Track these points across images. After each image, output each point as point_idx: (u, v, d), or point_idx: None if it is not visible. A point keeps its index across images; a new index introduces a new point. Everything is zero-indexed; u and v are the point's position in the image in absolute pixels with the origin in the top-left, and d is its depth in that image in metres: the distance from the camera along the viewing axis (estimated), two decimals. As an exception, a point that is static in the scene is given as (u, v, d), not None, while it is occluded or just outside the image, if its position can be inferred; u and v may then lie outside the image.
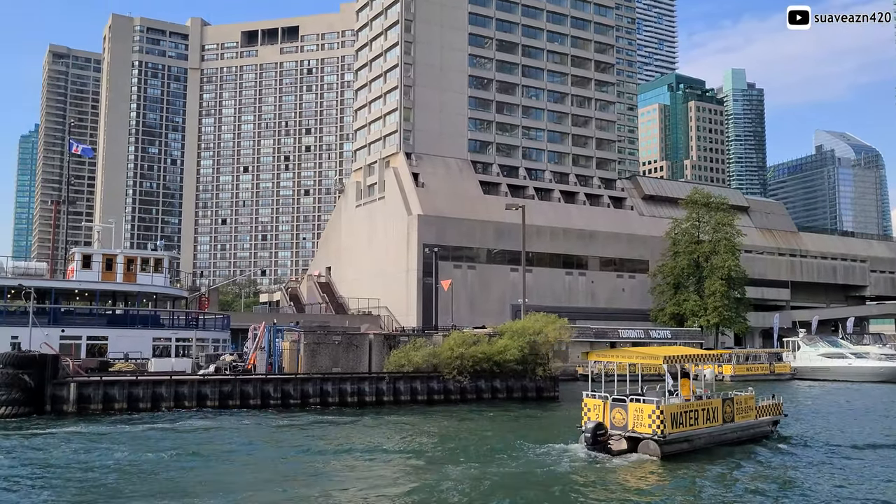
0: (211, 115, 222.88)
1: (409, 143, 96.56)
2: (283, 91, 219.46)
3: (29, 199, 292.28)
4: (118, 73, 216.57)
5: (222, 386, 43.28)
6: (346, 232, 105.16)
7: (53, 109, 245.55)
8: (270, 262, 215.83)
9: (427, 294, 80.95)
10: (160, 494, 21.01)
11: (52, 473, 23.95)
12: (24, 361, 38.85)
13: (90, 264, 52.78)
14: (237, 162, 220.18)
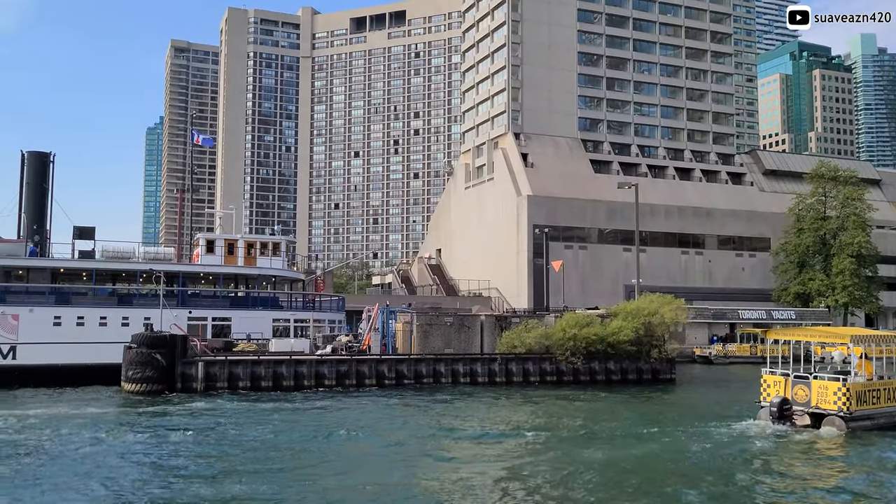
0: (322, 101, 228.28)
1: (517, 124, 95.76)
2: (391, 75, 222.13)
3: (156, 188, 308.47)
4: (234, 64, 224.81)
5: (339, 366, 44.40)
6: (456, 214, 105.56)
7: (176, 102, 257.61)
8: (382, 244, 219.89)
9: (538, 275, 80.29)
10: (297, 470, 21.65)
11: (203, 447, 25.18)
12: (157, 341, 41.08)
13: (213, 249, 55.01)
14: (348, 147, 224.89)
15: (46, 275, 50.90)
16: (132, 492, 18.68)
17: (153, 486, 19.41)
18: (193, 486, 19.21)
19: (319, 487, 19.37)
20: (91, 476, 20.34)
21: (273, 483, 19.61)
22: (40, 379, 44.85)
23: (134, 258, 52.97)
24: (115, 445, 25.01)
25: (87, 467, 21.48)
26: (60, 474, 20.50)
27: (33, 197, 53.79)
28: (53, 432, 27.35)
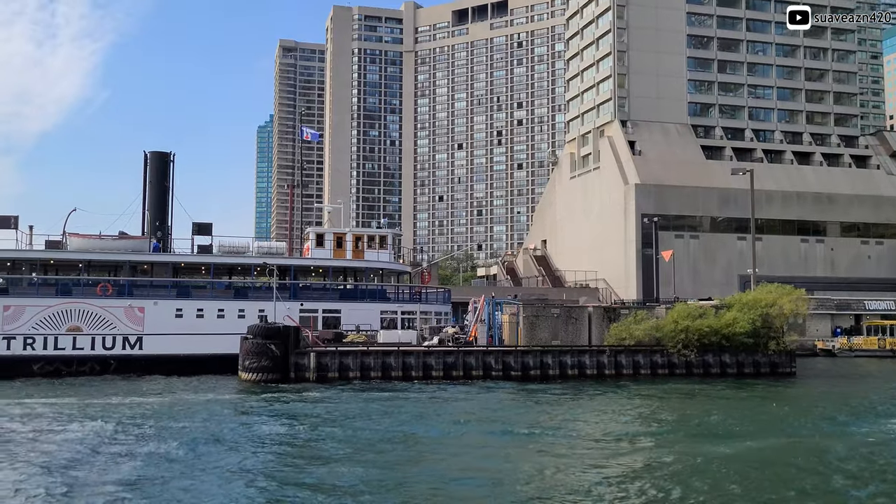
0: (425, 95, 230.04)
1: (624, 111, 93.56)
2: (493, 66, 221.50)
3: (267, 184, 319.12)
4: (339, 61, 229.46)
5: (446, 357, 44.60)
6: (561, 204, 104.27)
7: (285, 100, 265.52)
8: (486, 236, 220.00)
9: (647, 265, 78.35)
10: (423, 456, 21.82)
11: (326, 433, 25.78)
12: (271, 332, 42.40)
13: (323, 243, 56.32)
14: (451, 140, 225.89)
15: (168, 269, 53.40)
16: (274, 476, 19.23)
17: (292, 470, 19.98)
18: (321, 471, 19.70)
19: (434, 479, 19.33)
20: (232, 460, 21.11)
21: (391, 470, 19.81)
22: (163, 368, 47.19)
23: (248, 253, 54.84)
24: (247, 431, 25.91)
25: (229, 451, 22.29)
26: (210, 459, 21.36)
27: (156, 195, 56.45)
28: (197, 418, 28.64)
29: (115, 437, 24.48)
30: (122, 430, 25.67)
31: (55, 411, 30.35)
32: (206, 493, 17.38)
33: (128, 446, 22.87)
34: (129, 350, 48.53)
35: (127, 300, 49.36)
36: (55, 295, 48.85)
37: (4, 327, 46.93)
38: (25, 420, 28.01)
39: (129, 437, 24.45)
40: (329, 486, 18.09)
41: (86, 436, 24.55)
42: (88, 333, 48.10)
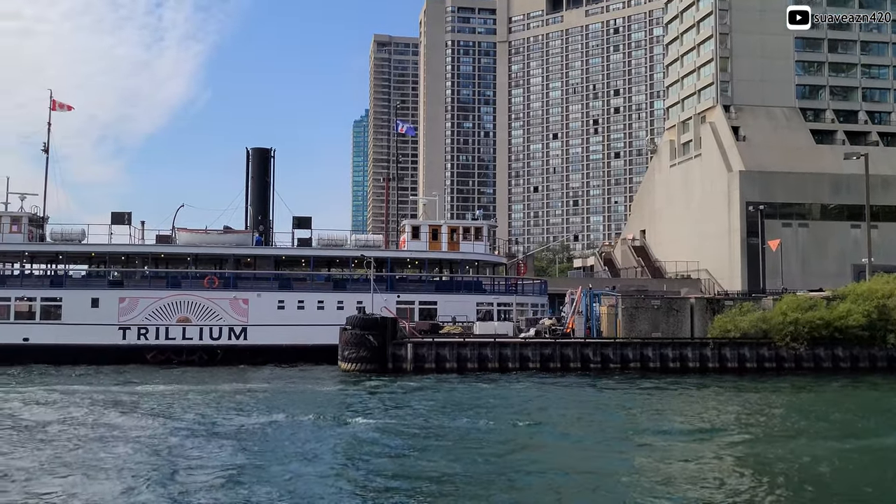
0: (519, 85, 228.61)
1: (726, 95, 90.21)
2: (589, 54, 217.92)
3: (363, 178, 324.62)
4: (433, 53, 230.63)
5: (543, 349, 44.16)
6: (661, 193, 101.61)
7: (380, 94, 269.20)
8: (582, 227, 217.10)
9: (752, 255, 75.42)
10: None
11: (428, 424, 25.84)
12: (369, 324, 43.05)
13: (418, 235, 56.73)
14: (546, 130, 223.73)
15: (270, 262, 55.02)
16: (378, 467, 19.45)
17: (395, 461, 20.12)
18: (426, 464, 19.75)
19: (548, 478, 18.97)
20: (334, 449, 21.49)
21: (492, 464, 19.63)
22: (266, 357, 48.66)
23: (346, 245, 55.83)
24: (350, 419, 26.33)
25: (330, 440, 22.67)
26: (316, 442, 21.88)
27: (257, 190, 58.21)
28: (300, 406, 29.41)
29: (221, 422, 25.30)
30: (228, 416, 26.53)
31: (169, 396, 31.68)
32: (309, 481, 17.64)
33: (232, 431, 23.57)
34: (235, 340, 50.27)
35: (232, 292, 51.13)
36: (165, 287, 51.10)
37: (120, 318, 49.46)
38: (140, 404, 29.33)
39: (233, 422, 25.21)
40: (437, 481, 17.95)
41: (194, 420, 25.48)
42: (197, 324, 50.11)
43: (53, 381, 38.09)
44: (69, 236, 52.68)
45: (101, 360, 47.06)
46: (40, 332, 48.78)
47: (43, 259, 56.74)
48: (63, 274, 55.47)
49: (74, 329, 48.80)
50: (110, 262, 55.12)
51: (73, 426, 24.84)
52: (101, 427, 24.65)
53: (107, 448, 21.31)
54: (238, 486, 17.10)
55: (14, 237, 51.58)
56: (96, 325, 49.04)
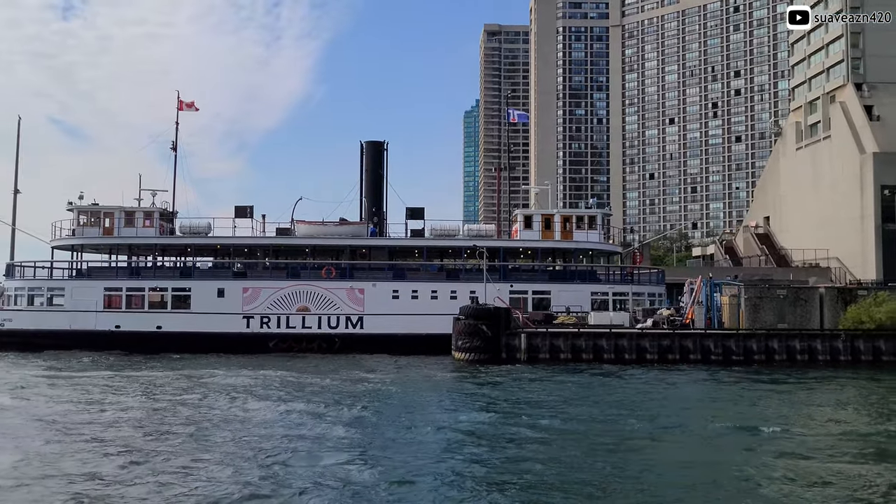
0: (633, 70, 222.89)
1: (858, 73, 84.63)
2: (707, 35, 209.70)
3: (474, 168, 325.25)
4: (544, 40, 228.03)
5: (661, 340, 42.98)
6: (786, 178, 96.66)
7: (490, 84, 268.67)
8: (701, 214, 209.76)
9: (888, 242, 70.81)
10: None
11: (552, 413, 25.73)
12: (482, 313, 43.08)
13: (531, 224, 56.23)
14: (662, 115, 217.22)
15: (385, 253, 55.92)
16: (496, 460, 19.38)
17: (517, 452, 19.94)
18: (548, 459, 19.49)
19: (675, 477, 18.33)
20: (451, 438, 21.54)
21: (617, 461, 19.13)
22: (381, 346, 49.52)
23: (458, 236, 56.03)
24: (466, 408, 26.44)
25: (447, 429, 22.79)
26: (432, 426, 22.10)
27: (371, 182, 59.27)
28: (416, 394, 29.81)
29: (338, 411, 25.84)
30: (348, 403, 27.10)
31: (289, 382, 32.71)
32: (423, 473, 17.68)
33: (347, 420, 24.01)
34: (351, 329, 51.45)
35: (348, 282, 52.31)
36: (286, 278, 52.85)
37: (244, 307, 51.53)
38: (265, 389, 30.43)
39: (349, 412, 25.68)
40: (554, 479, 17.52)
41: (308, 407, 26.14)
42: (315, 313, 51.59)
43: (246, 368, 40.05)
44: (197, 230, 55.28)
45: (227, 348, 49.21)
46: (171, 321, 51.48)
47: (173, 252, 59.82)
48: (192, 265, 58.34)
49: (202, 318, 51.26)
50: (234, 254, 57.50)
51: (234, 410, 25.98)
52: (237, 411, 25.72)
53: (221, 430, 22.16)
54: (349, 478, 17.31)
55: (147, 231, 54.59)
56: (222, 314, 51.31)
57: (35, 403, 27.64)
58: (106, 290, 52.36)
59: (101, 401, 28.33)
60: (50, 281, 54.82)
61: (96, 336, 50.75)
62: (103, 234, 54.55)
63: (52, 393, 30.36)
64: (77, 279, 54.76)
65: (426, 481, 16.68)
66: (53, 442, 20.71)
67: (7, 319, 52.89)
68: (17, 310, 53.42)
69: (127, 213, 54.72)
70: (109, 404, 27.49)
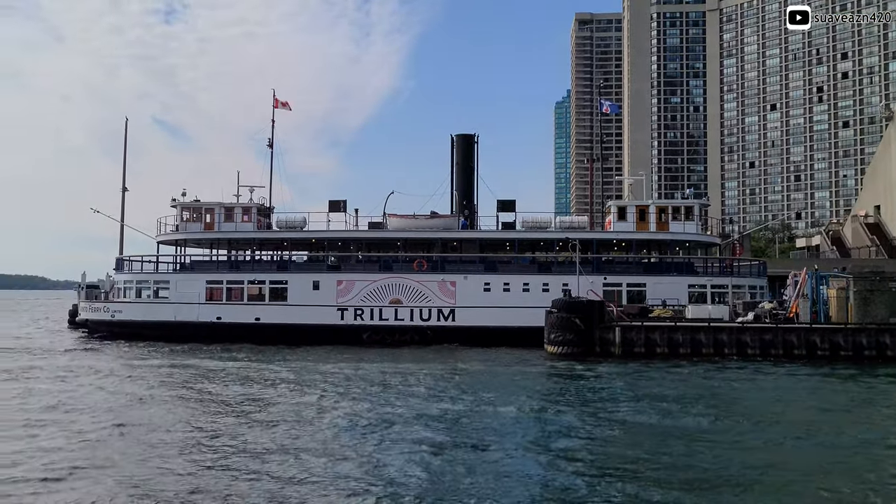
0: (732, 55, 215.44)
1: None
2: (812, 15, 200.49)
3: (565, 159, 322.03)
4: (637, 28, 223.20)
5: (763, 334, 41.31)
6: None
7: (581, 74, 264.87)
8: (805, 203, 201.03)
9: None
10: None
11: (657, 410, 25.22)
12: (575, 306, 42.43)
13: (625, 216, 55.07)
14: (763, 101, 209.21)
15: (476, 245, 55.85)
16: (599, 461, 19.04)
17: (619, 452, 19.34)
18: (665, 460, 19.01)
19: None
20: (547, 434, 21.20)
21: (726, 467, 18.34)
22: (473, 339, 49.51)
23: (550, 228, 55.41)
24: (564, 403, 26.13)
25: (544, 423, 22.55)
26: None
27: (462, 175, 59.31)
28: (511, 387, 29.71)
29: (434, 400, 25.92)
30: (443, 395, 27.17)
31: (387, 374, 33.10)
32: (516, 470, 17.46)
33: (439, 413, 24.03)
34: (443, 322, 51.65)
35: (440, 275, 52.52)
36: (378, 271, 53.51)
37: (338, 300, 52.48)
38: (359, 381, 30.88)
39: (440, 405, 25.70)
40: (656, 483, 16.68)
41: (408, 397, 26.34)
42: (408, 306, 52.04)
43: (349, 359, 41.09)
44: (292, 224, 56.63)
45: (321, 340, 50.25)
46: (269, 313, 52.94)
47: (270, 246, 61.47)
48: (288, 259, 59.86)
49: (298, 310, 52.51)
50: (328, 248, 58.64)
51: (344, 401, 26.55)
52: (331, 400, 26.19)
53: (319, 423, 22.51)
54: (440, 473, 17.25)
55: (245, 226, 56.29)
56: (317, 307, 52.41)
57: (165, 391, 28.85)
58: (208, 283, 54.29)
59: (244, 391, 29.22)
60: (156, 274, 57.30)
61: (199, 327, 52.74)
62: (205, 229, 56.58)
63: (171, 380, 31.69)
64: (181, 273, 57.03)
65: (512, 481, 16.45)
66: (183, 426, 21.53)
67: (117, 311, 55.61)
68: (126, 302, 56.10)
69: (227, 209, 56.56)
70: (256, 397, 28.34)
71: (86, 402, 26.26)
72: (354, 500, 14.62)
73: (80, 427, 21.58)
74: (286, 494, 14.96)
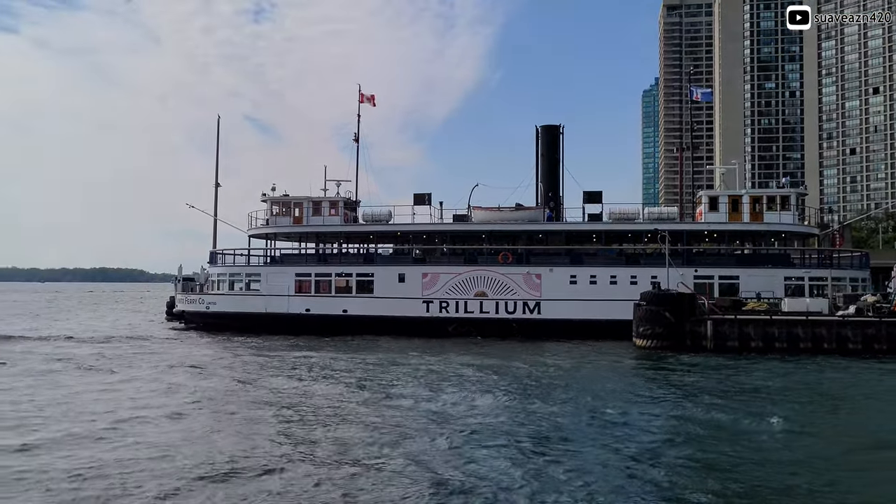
0: (831, 37, 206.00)
1: None
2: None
3: (654, 149, 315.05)
4: (729, 12, 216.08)
5: (866, 329, 39.35)
6: None
7: (670, 61, 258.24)
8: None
9: None
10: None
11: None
12: (665, 299, 41.45)
13: (716, 206, 53.35)
14: (864, 84, 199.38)
15: (561, 237, 55.18)
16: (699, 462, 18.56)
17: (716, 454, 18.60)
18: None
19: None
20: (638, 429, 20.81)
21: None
22: (559, 332, 48.99)
23: (638, 219, 54.22)
24: (652, 401, 25.57)
25: (633, 418, 22.16)
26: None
27: (547, 167, 58.70)
28: (601, 381, 29.32)
29: (526, 394, 25.74)
30: (532, 390, 26.97)
31: (478, 369, 33.10)
32: (606, 469, 17.08)
33: (538, 404, 23.82)
34: (529, 314, 51.29)
35: (525, 268, 52.15)
36: (463, 263, 53.53)
37: (424, 292, 52.79)
38: (443, 375, 30.95)
39: (527, 404, 25.48)
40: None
41: (499, 392, 26.24)
42: (493, 298, 51.91)
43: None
44: (378, 217, 57.27)
45: (407, 332, 50.67)
46: (356, 305, 53.73)
47: (356, 239, 62.35)
48: (374, 252, 60.54)
49: (384, 302, 53.10)
50: (413, 241, 59.01)
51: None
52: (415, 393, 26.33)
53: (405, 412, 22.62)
54: (531, 472, 17.06)
55: (332, 220, 57.24)
56: (403, 299, 52.88)
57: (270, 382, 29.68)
58: (297, 276, 55.49)
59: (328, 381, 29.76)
60: (247, 267, 58.97)
61: (289, 319, 54.00)
62: (293, 223, 57.82)
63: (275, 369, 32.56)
64: (271, 265, 58.50)
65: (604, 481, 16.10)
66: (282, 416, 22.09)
67: (212, 303, 57.50)
68: (220, 294, 57.93)
69: (314, 203, 57.63)
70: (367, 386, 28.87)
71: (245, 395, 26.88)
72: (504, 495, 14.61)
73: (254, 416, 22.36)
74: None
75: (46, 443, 18.47)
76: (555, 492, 14.74)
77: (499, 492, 14.69)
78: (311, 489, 14.84)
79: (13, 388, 27.32)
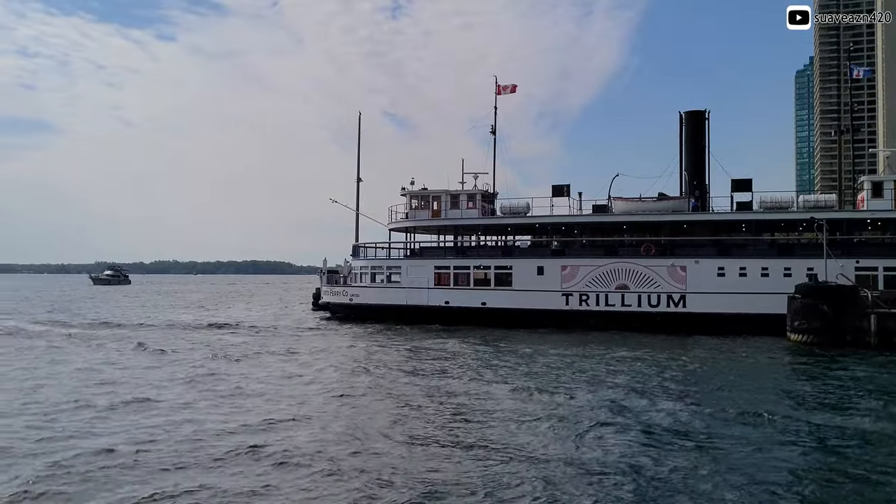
0: None
1: None
2: None
3: (808, 133, 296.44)
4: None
5: None
6: None
7: (826, 38, 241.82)
8: None
9: None
10: None
11: None
12: (822, 292, 38.95)
13: (881, 192, 49.35)
14: None
15: (708, 228, 52.85)
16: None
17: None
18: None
19: None
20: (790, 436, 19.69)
21: None
22: (705, 326, 47.00)
23: (791, 208, 51.05)
24: (814, 407, 24.08)
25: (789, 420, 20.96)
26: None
27: (692, 154, 56.31)
28: (753, 378, 27.99)
29: (670, 389, 24.85)
30: (677, 387, 26.00)
31: (620, 361, 32.37)
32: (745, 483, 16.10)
33: (675, 399, 22.92)
34: (673, 308, 49.54)
35: (669, 259, 50.40)
36: (603, 255, 52.35)
37: (563, 285, 52.09)
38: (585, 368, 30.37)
39: (663, 404, 24.53)
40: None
41: (643, 390, 25.46)
42: (635, 291, 50.50)
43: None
44: (516, 209, 56.97)
45: (546, 324, 50.18)
46: (494, 298, 53.75)
47: (494, 231, 62.35)
48: (512, 244, 60.35)
49: (523, 295, 52.83)
50: (552, 233, 58.33)
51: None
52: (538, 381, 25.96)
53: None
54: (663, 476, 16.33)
55: (470, 212, 57.48)
56: (541, 292, 52.39)
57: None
58: (436, 269, 56.19)
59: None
60: (388, 260, 60.33)
61: (429, 311, 54.77)
62: (432, 216, 58.53)
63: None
64: (411, 258, 59.54)
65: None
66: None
67: (355, 294, 59.29)
68: (363, 286, 59.59)
69: (452, 196, 58.07)
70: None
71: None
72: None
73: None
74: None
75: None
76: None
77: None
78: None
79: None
